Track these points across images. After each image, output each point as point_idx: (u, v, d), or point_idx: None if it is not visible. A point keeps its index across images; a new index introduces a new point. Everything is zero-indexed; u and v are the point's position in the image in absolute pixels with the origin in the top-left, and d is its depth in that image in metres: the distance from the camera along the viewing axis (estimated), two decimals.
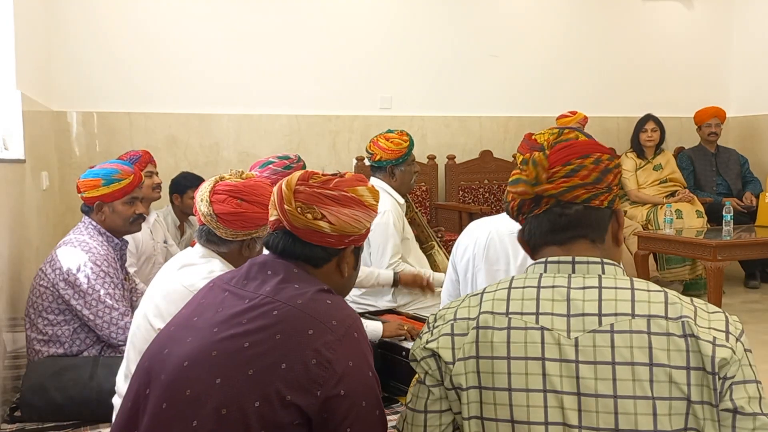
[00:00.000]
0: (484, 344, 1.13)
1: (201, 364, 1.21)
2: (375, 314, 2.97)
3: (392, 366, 2.61)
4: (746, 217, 5.06)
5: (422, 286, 3.10)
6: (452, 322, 1.18)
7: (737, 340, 1.06)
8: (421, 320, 2.95)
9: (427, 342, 1.19)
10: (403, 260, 3.25)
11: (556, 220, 1.19)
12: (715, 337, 1.04)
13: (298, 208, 1.31)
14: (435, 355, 1.17)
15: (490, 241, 2.08)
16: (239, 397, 1.17)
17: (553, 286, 1.14)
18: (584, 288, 1.12)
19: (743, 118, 6.11)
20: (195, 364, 1.22)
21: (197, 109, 4.82)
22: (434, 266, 3.49)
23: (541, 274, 1.17)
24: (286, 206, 1.32)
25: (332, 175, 1.38)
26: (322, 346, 1.19)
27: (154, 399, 1.23)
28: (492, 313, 1.15)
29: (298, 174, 1.36)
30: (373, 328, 2.64)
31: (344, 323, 1.24)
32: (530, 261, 1.96)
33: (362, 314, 2.93)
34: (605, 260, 1.16)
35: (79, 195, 2.75)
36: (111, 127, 4.63)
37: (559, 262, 1.16)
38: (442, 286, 2.92)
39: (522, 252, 2.01)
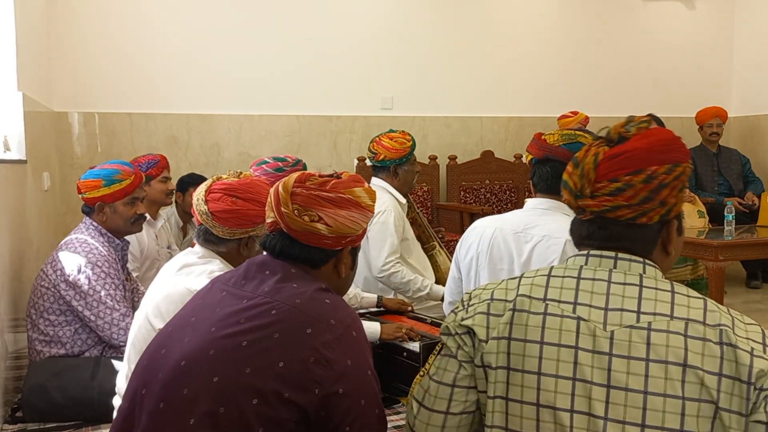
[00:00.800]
0: (518, 326, 1.14)
1: (198, 363, 1.21)
2: (375, 315, 2.96)
3: (393, 366, 2.60)
4: (748, 217, 5.05)
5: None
6: (489, 301, 1.19)
7: None
8: (422, 320, 2.95)
9: (463, 319, 1.20)
10: (404, 261, 3.24)
11: (596, 231, 1.17)
12: (753, 348, 1.04)
13: (295, 211, 1.31)
14: (470, 331, 1.18)
15: (494, 240, 2.07)
16: (236, 396, 1.17)
17: (593, 279, 1.13)
18: (624, 284, 1.12)
19: (744, 118, 6.10)
20: (192, 363, 1.22)
21: (198, 109, 4.82)
22: (435, 266, 3.49)
23: (581, 266, 1.16)
24: (283, 209, 1.32)
25: (329, 176, 1.37)
26: (321, 345, 1.19)
27: (152, 398, 1.23)
28: (529, 297, 1.15)
29: (294, 176, 1.36)
30: (372, 329, 2.63)
31: (343, 322, 1.24)
32: (534, 261, 1.98)
33: (362, 315, 2.92)
34: (647, 261, 1.15)
35: (80, 196, 2.75)
36: (112, 128, 4.64)
37: (601, 257, 1.15)
38: (441, 300, 2.91)
39: (526, 252, 2.00)
